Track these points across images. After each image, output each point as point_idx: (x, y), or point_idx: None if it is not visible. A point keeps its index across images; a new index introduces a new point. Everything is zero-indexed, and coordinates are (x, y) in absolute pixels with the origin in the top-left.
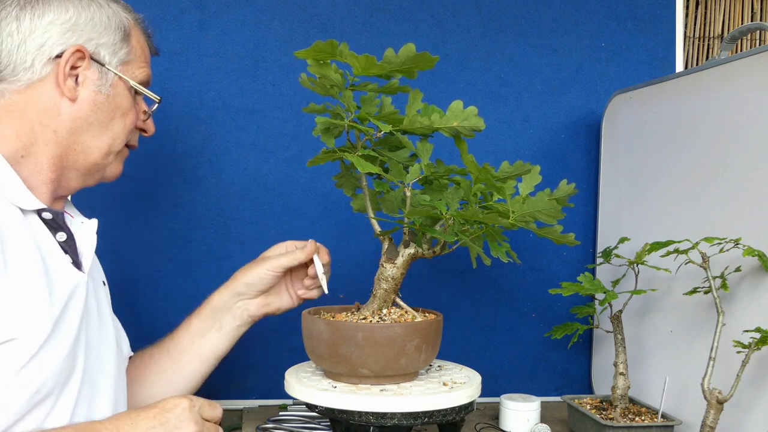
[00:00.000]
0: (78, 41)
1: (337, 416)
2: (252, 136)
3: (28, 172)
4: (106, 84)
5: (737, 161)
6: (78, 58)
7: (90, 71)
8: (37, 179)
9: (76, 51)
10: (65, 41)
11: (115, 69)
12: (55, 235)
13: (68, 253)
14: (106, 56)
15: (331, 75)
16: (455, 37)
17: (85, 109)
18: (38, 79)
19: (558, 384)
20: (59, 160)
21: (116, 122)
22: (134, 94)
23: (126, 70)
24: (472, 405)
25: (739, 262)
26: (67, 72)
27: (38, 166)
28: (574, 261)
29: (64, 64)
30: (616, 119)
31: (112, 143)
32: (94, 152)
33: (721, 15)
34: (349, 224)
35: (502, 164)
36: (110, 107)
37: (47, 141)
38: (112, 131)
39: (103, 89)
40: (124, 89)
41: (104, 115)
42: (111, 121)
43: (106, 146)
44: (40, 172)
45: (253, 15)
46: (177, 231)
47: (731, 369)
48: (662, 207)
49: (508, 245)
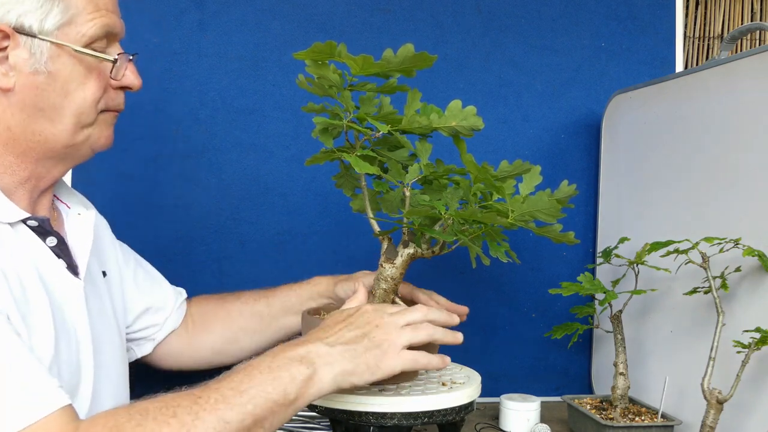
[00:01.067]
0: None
1: (337, 416)
2: (252, 136)
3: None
4: (43, 58)
5: (737, 161)
6: (0, 38)
7: (20, 49)
8: (10, 183)
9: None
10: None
11: (50, 37)
12: (45, 241)
13: (62, 257)
14: (33, 25)
15: (330, 75)
16: (455, 37)
17: (28, 96)
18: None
19: (558, 384)
20: (26, 155)
21: (73, 97)
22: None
23: (67, 32)
24: (472, 405)
25: (739, 262)
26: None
27: (8, 168)
28: (574, 261)
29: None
30: (616, 119)
31: (78, 119)
32: (59, 137)
33: (721, 15)
34: (349, 224)
35: (501, 164)
36: (58, 84)
37: (5, 141)
38: (71, 108)
39: (41, 66)
40: (69, 57)
41: (54, 94)
42: (65, 98)
43: (70, 126)
44: (13, 174)
45: (253, 15)
46: (177, 231)
47: (731, 369)
48: (662, 207)
49: (507, 245)
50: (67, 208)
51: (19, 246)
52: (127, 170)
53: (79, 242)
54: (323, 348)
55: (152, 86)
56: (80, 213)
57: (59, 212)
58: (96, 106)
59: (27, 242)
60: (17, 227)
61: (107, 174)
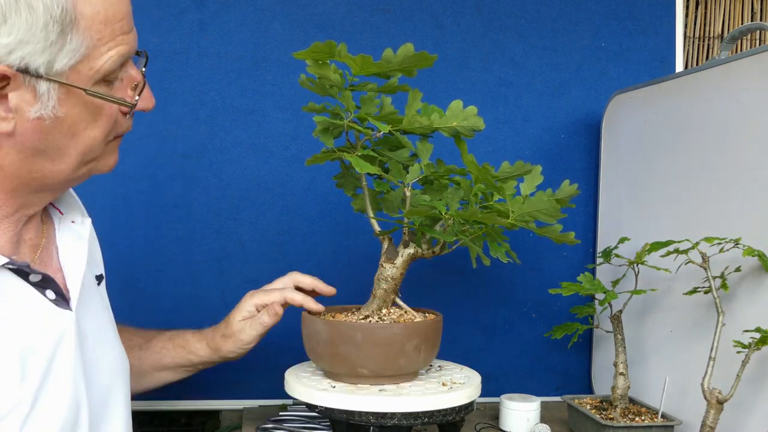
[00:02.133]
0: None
1: (336, 416)
2: (252, 136)
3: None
4: (50, 102)
5: (737, 161)
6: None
7: (21, 91)
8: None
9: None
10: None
11: (60, 78)
12: (28, 278)
13: (49, 288)
14: (40, 67)
15: (330, 75)
16: (455, 37)
17: (29, 139)
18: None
19: (558, 384)
20: (16, 192)
21: (82, 137)
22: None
23: (80, 70)
24: (472, 405)
25: (739, 262)
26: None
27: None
28: (574, 261)
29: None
30: (616, 119)
31: (83, 157)
32: (58, 175)
33: (721, 15)
34: (349, 224)
35: (502, 164)
36: (65, 126)
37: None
38: (77, 148)
39: (47, 110)
40: (81, 97)
41: (59, 136)
42: (72, 138)
43: (74, 163)
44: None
45: (253, 15)
46: (177, 231)
47: (731, 369)
48: (662, 207)
49: (507, 245)
50: (60, 215)
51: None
52: (127, 170)
53: (71, 259)
54: None
55: (152, 86)
56: (74, 221)
57: (51, 221)
58: (105, 140)
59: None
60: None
61: (107, 174)
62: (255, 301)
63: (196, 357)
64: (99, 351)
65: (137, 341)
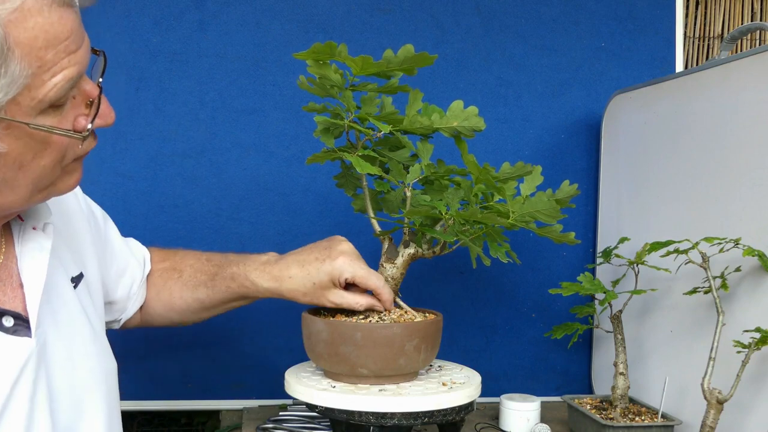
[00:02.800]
0: None
1: (336, 416)
2: (252, 136)
3: None
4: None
5: (737, 161)
6: None
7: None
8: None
9: None
10: None
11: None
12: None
13: (6, 315)
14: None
15: (331, 75)
16: (455, 37)
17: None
18: None
19: (558, 384)
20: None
21: (29, 167)
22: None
23: (20, 101)
24: (472, 405)
25: (739, 262)
26: None
27: None
28: (574, 261)
29: None
30: (616, 119)
31: (35, 186)
32: (13, 203)
33: (721, 15)
34: (349, 224)
35: (503, 165)
36: (9, 160)
37: None
38: (27, 178)
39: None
40: (23, 131)
41: (3, 170)
42: (18, 171)
43: (27, 192)
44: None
45: (253, 15)
46: (177, 231)
47: (731, 369)
48: (662, 207)
49: (508, 245)
50: (21, 222)
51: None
52: (127, 170)
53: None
54: None
55: (152, 86)
56: (36, 227)
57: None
58: (58, 167)
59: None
60: None
61: (107, 174)
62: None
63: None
64: (70, 366)
65: (201, 278)
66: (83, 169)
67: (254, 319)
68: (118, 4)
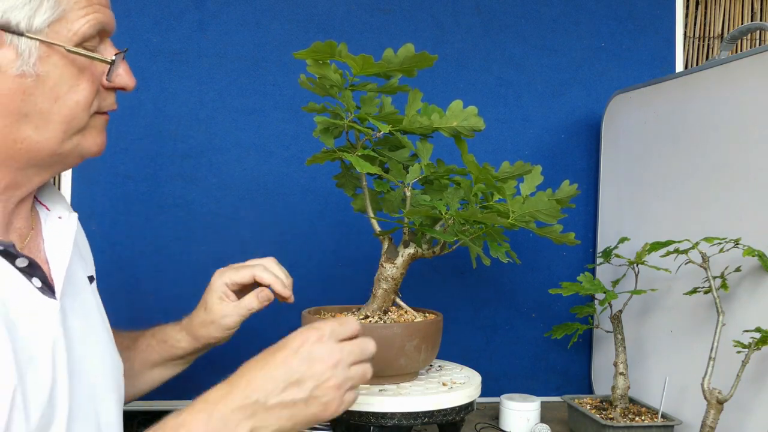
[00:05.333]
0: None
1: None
2: (252, 136)
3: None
4: (31, 60)
5: (737, 161)
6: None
7: (4, 49)
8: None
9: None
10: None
11: (39, 35)
12: (15, 262)
13: (35, 277)
14: (21, 22)
15: (331, 75)
16: (455, 37)
17: (13, 101)
18: None
19: (558, 384)
20: (4, 165)
21: (63, 102)
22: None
23: (58, 30)
24: (472, 405)
25: (739, 262)
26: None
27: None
28: (574, 261)
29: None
30: (616, 119)
31: (68, 126)
32: (44, 145)
33: (721, 15)
34: (349, 224)
35: (502, 164)
36: (47, 87)
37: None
38: (61, 114)
39: (29, 68)
40: (61, 58)
41: (41, 99)
42: (54, 103)
43: (59, 132)
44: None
45: (253, 15)
46: (177, 231)
47: (731, 369)
48: (662, 207)
49: (508, 245)
50: (47, 211)
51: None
52: (127, 170)
53: (57, 252)
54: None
55: (152, 86)
56: (61, 216)
57: (37, 217)
58: (88, 109)
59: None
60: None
61: (107, 174)
62: (225, 280)
63: (180, 349)
64: (86, 350)
65: (125, 343)
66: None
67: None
68: (118, 4)
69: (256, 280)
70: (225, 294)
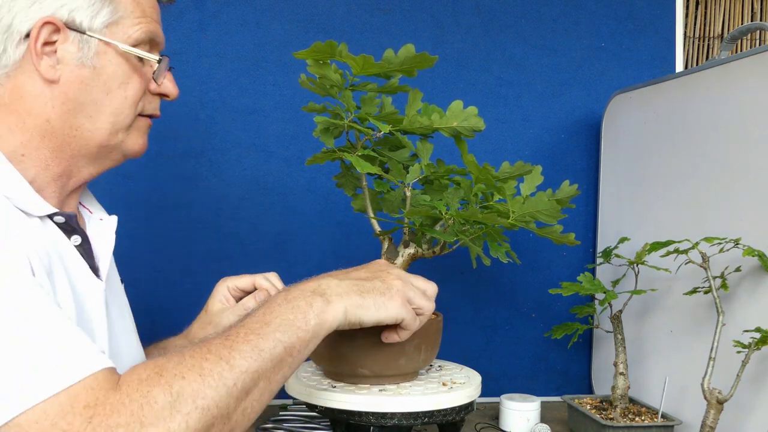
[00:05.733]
0: (46, 12)
1: (336, 416)
2: (252, 136)
3: (34, 171)
4: (90, 54)
5: (737, 161)
6: (51, 32)
7: (68, 43)
8: (44, 178)
9: (45, 24)
10: (32, 15)
11: (98, 34)
12: (70, 239)
13: (84, 257)
14: (84, 21)
15: (331, 75)
16: (455, 37)
17: (72, 89)
18: (15, 66)
19: (558, 384)
20: (61, 150)
21: (114, 95)
22: (137, 57)
23: (114, 32)
24: (472, 405)
25: (739, 262)
26: (39, 50)
27: (42, 162)
28: (574, 261)
29: (34, 42)
30: (616, 119)
31: (115, 120)
32: (95, 134)
33: (721, 15)
34: (349, 224)
35: (502, 164)
36: (101, 80)
37: (44, 133)
38: (111, 107)
39: (87, 61)
40: (115, 55)
41: (96, 90)
42: (107, 95)
43: (108, 125)
44: (46, 169)
45: (253, 15)
46: (177, 231)
47: (731, 369)
48: (662, 207)
49: (508, 245)
50: (90, 213)
51: (46, 238)
52: (127, 170)
53: (101, 246)
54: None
55: None
56: (102, 218)
57: (82, 217)
58: (135, 107)
59: (53, 237)
60: (45, 222)
61: (107, 174)
62: (227, 284)
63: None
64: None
65: None
66: None
67: None
68: None
69: (256, 286)
70: (226, 299)
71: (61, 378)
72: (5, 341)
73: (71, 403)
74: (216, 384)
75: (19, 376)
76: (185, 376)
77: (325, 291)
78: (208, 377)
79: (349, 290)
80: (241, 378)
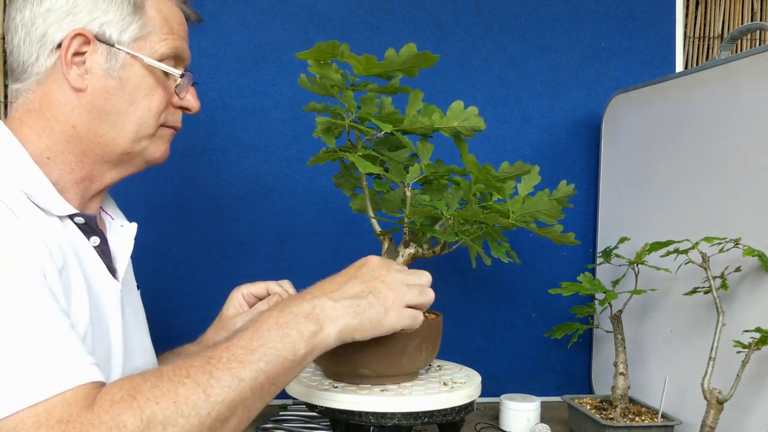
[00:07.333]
0: (78, 24)
1: (337, 416)
2: (252, 136)
3: (58, 174)
4: (117, 66)
5: (737, 161)
6: (82, 43)
7: (97, 55)
8: (67, 180)
9: (77, 35)
10: (65, 27)
11: (126, 47)
12: (89, 239)
13: (102, 258)
14: (113, 35)
15: (332, 75)
16: (455, 37)
17: (97, 98)
18: (46, 73)
19: (558, 384)
20: (85, 156)
21: (138, 106)
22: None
23: (142, 46)
24: (472, 405)
25: (739, 262)
26: (69, 60)
27: (66, 166)
28: (574, 261)
29: (65, 51)
30: (616, 119)
31: (138, 129)
32: (118, 142)
33: (721, 15)
34: (349, 224)
35: (502, 164)
36: (126, 91)
37: (69, 138)
38: (134, 116)
39: (114, 72)
40: (141, 68)
41: (121, 100)
42: (131, 105)
43: (131, 133)
44: (70, 172)
45: (253, 15)
46: (177, 231)
47: (731, 369)
48: (662, 207)
49: (508, 245)
50: (111, 219)
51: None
52: None
53: (119, 249)
54: (328, 303)
55: None
56: (123, 225)
57: (104, 222)
58: (157, 118)
59: (71, 236)
60: (65, 222)
61: None
62: (242, 290)
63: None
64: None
65: None
66: None
67: None
68: None
69: (269, 292)
70: (240, 305)
71: (42, 388)
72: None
73: (47, 416)
74: (189, 413)
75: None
76: (159, 401)
77: (319, 316)
78: (183, 405)
79: (345, 313)
80: (216, 408)
